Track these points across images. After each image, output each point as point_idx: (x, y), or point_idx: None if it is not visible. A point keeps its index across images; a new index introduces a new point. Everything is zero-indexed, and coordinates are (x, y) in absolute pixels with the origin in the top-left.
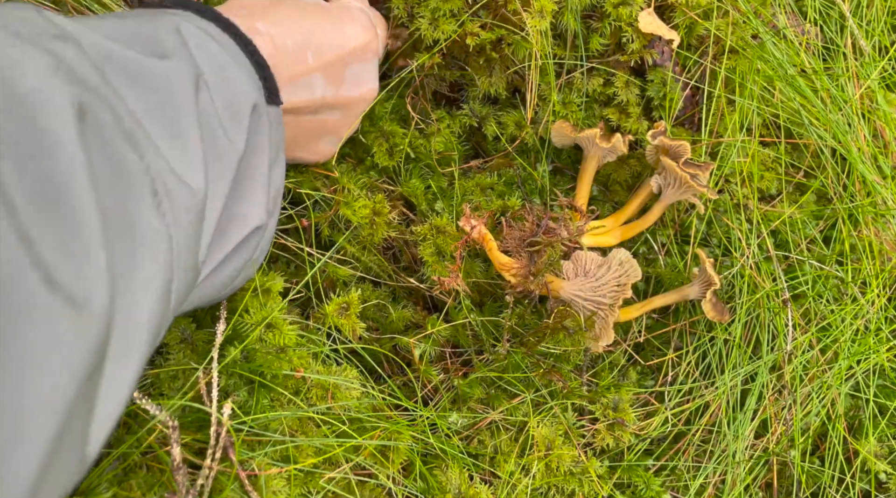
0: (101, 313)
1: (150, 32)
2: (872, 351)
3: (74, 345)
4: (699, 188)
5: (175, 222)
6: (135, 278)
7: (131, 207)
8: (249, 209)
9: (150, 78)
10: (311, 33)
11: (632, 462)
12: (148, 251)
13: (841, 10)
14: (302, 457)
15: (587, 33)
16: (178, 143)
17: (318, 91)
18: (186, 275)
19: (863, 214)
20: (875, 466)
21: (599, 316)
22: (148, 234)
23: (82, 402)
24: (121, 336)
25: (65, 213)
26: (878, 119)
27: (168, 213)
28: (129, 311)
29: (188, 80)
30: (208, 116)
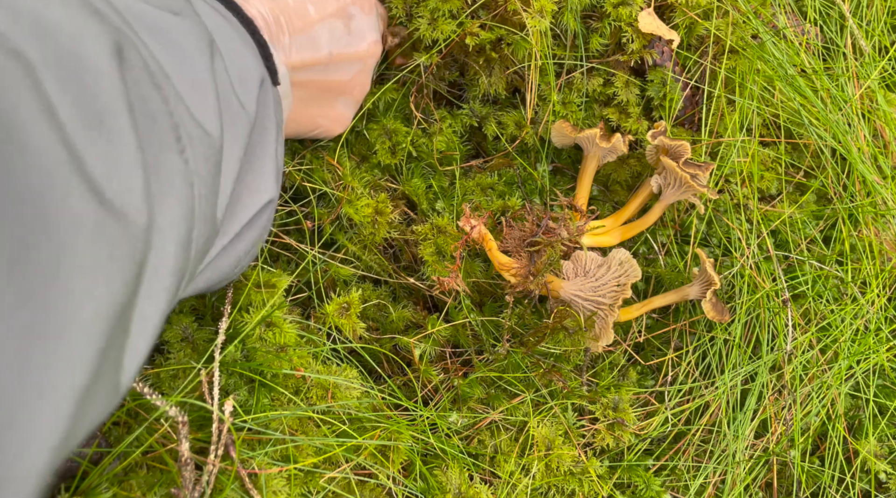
0: (143, 231)
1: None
2: (872, 351)
3: (120, 264)
4: (699, 188)
5: (196, 168)
6: (163, 216)
7: (158, 145)
8: (262, 181)
9: (167, 32)
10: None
11: (632, 462)
12: (174, 192)
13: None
14: (302, 456)
15: (587, 33)
16: (198, 93)
17: (324, 46)
18: (206, 227)
19: (863, 214)
20: (875, 466)
21: (599, 316)
22: (173, 176)
23: (120, 327)
24: (153, 264)
25: (109, 133)
26: (877, 119)
27: (191, 159)
28: (160, 244)
29: (202, 41)
30: (222, 80)
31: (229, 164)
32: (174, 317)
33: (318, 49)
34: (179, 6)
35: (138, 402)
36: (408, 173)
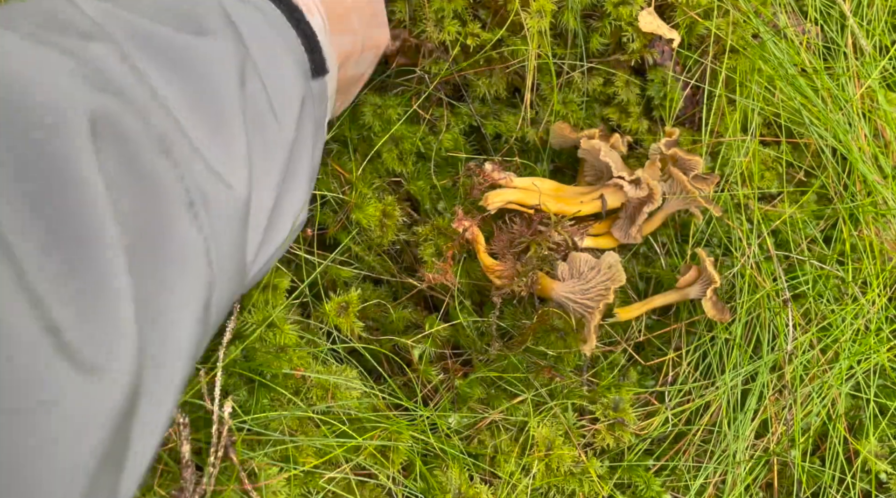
0: (125, 375)
1: (189, 8)
2: (873, 351)
3: (96, 413)
4: (707, 205)
5: (213, 234)
6: (169, 307)
7: (163, 225)
8: (296, 196)
9: (188, 60)
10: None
11: (632, 462)
12: (182, 271)
13: (841, 9)
14: (302, 457)
15: (587, 33)
16: (220, 138)
17: (359, 35)
18: (230, 284)
19: (863, 214)
20: (876, 466)
21: (586, 319)
22: (184, 251)
23: (111, 461)
24: (152, 384)
25: (82, 260)
26: (878, 118)
27: (206, 225)
28: (164, 342)
29: (232, 63)
30: (256, 102)
31: (263, 199)
32: None
33: (354, 37)
34: (210, 22)
35: None
36: (414, 173)
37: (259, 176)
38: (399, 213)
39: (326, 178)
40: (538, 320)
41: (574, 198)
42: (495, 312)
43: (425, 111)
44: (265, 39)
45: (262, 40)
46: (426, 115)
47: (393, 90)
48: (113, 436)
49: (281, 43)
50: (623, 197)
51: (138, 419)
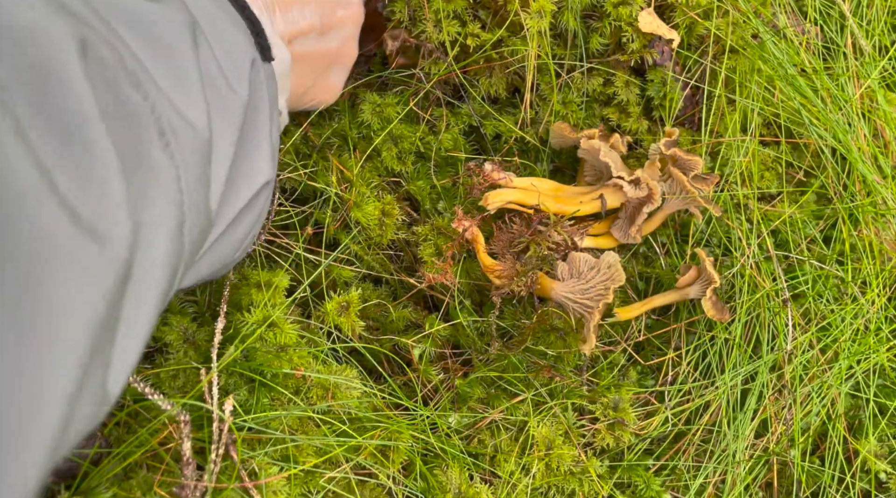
0: (123, 245)
1: None
2: (872, 351)
3: (98, 279)
4: (706, 205)
5: (183, 163)
6: (149, 214)
7: (139, 145)
8: (257, 163)
9: (146, 22)
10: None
11: (632, 462)
12: (159, 187)
13: (841, 9)
14: (302, 456)
15: (587, 33)
16: (180, 85)
17: (316, 14)
18: (198, 218)
19: (863, 214)
20: (875, 466)
21: (586, 318)
22: (158, 172)
23: (105, 338)
24: (139, 273)
25: (80, 146)
26: (878, 119)
27: (176, 153)
28: (147, 247)
29: (185, 27)
30: (208, 65)
31: (221, 151)
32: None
33: (311, 17)
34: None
35: (141, 403)
36: (414, 173)
37: (217, 127)
38: (398, 212)
39: (326, 174)
40: (538, 320)
41: (574, 198)
42: (495, 312)
43: (425, 111)
44: (209, 10)
45: (206, 11)
46: (426, 115)
47: (393, 89)
48: (110, 308)
49: (224, 17)
50: (623, 197)
51: (128, 302)
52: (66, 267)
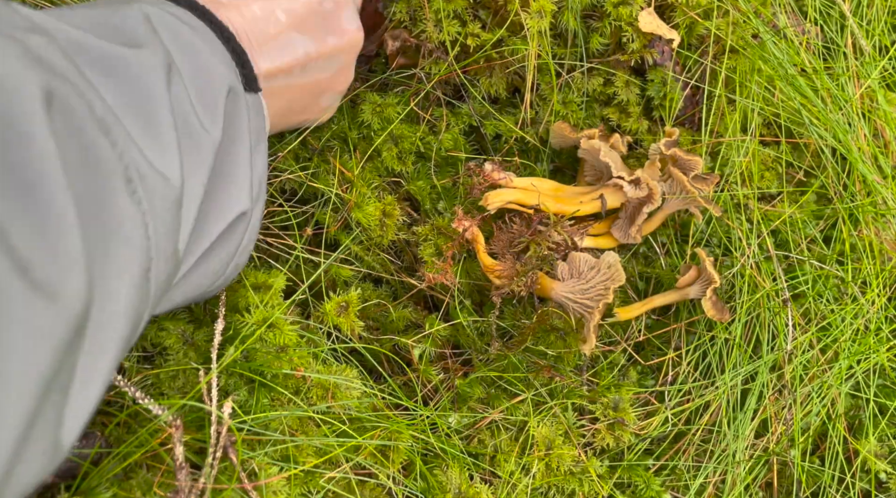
0: (76, 301)
1: (119, 22)
2: (872, 350)
3: (47, 335)
4: (706, 205)
5: (151, 210)
6: (110, 265)
7: (105, 194)
8: (232, 196)
9: (121, 68)
10: (306, 24)
11: (632, 462)
12: (123, 237)
13: (841, 9)
14: (302, 456)
15: (587, 33)
16: (152, 133)
17: (300, 48)
18: (166, 264)
19: (863, 214)
20: (875, 466)
21: (586, 318)
22: (123, 220)
23: (56, 390)
24: (96, 325)
25: (38, 200)
26: (878, 118)
27: (143, 201)
28: (106, 299)
29: (160, 69)
30: (182, 104)
31: (191, 192)
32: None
33: (294, 52)
34: (138, 35)
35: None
36: (414, 173)
37: (188, 171)
38: (399, 213)
39: (327, 177)
40: (538, 320)
41: (574, 198)
42: (495, 312)
43: (425, 111)
44: (188, 47)
45: (184, 47)
46: (426, 116)
47: (394, 89)
48: (60, 362)
49: (206, 51)
50: (623, 197)
51: (84, 353)
52: (14, 322)
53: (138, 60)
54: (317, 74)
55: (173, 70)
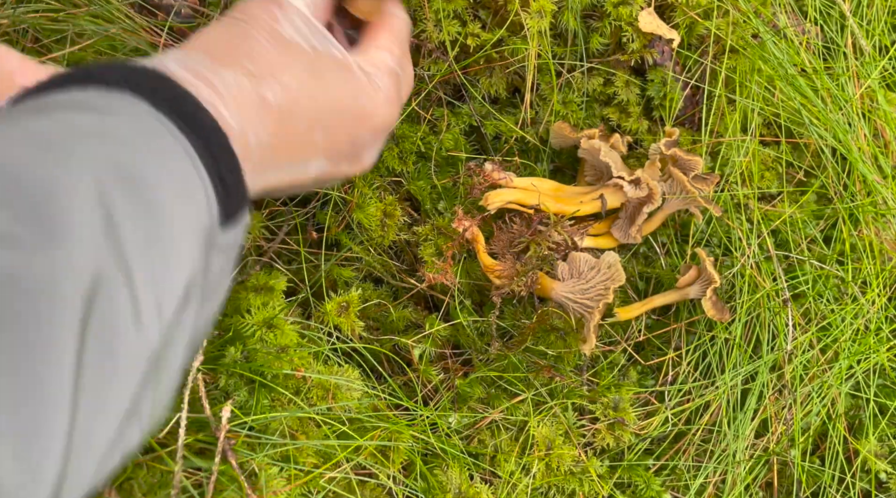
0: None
1: (44, 195)
2: (873, 350)
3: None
4: (707, 205)
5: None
6: None
7: None
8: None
9: (21, 281)
10: (327, 110)
11: (632, 462)
12: None
13: (841, 9)
14: (302, 457)
15: (587, 33)
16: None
17: (312, 171)
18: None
19: (863, 214)
20: (875, 466)
21: (586, 318)
22: None
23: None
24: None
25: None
26: (878, 118)
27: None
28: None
29: (78, 282)
30: (104, 318)
31: (95, 440)
32: None
33: (306, 173)
34: (62, 218)
35: None
36: (415, 172)
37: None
38: (400, 213)
39: None
40: (538, 320)
41: (574, 198)
42: (495, 312)
43: (426, 111)
44: (149, 226)
45: (142, 230)
46: (427, 115)
47: None
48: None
49: (178, 211)
50: (623, 197)
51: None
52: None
53: (44, 272)
54: (314, 185)
55: (105, 276)
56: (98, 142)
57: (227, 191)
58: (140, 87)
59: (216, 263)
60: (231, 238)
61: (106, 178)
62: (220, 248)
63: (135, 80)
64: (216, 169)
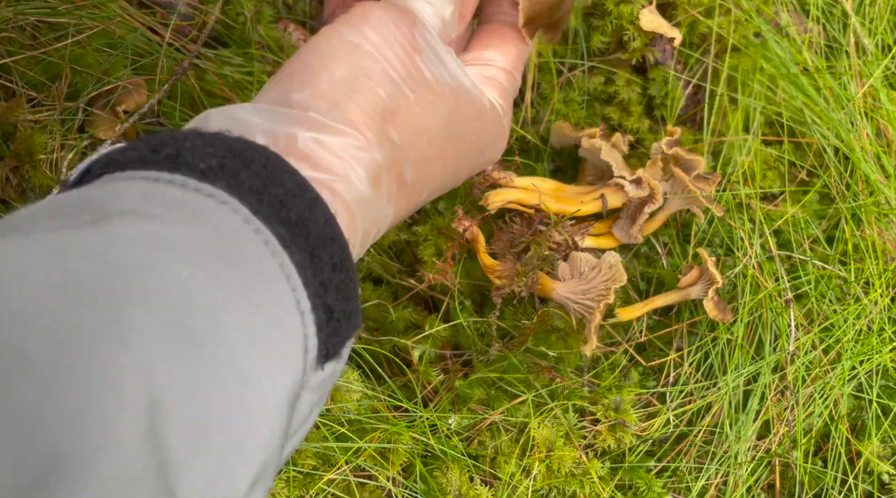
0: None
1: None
2: (875, 351)
3: None
4: (709, 205)
5: None
6: None
7: None
8: None
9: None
10: (455, 166)
11: (633, 463)
12: None
13: (844, 7)
14: (301, 459)
15: (588, 31)
16: None
17: (424, 197)
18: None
19: (866, 214)
20: (878, 468)
21: (587, 319)
22: None
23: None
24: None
25: None
26: (881, 118)
27: None
28: None
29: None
30: None
31: None
32: None
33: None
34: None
35: None
36: None
37: None
38: None
39: None
40: (538, 321)
41: (575, 197)
42: (495, 313)
43: None
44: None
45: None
46: None
47: None
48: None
49: (254, 380)
50: (624, 197)
51: None
52: None
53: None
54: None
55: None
56: (159, 283)
57: (333, 327)
58: (235, 177)
59: (305, 404)
60: (329, 372)
61: (159, 345)
62: (313, 388)
63: (232, 170)
64: (322, 298)
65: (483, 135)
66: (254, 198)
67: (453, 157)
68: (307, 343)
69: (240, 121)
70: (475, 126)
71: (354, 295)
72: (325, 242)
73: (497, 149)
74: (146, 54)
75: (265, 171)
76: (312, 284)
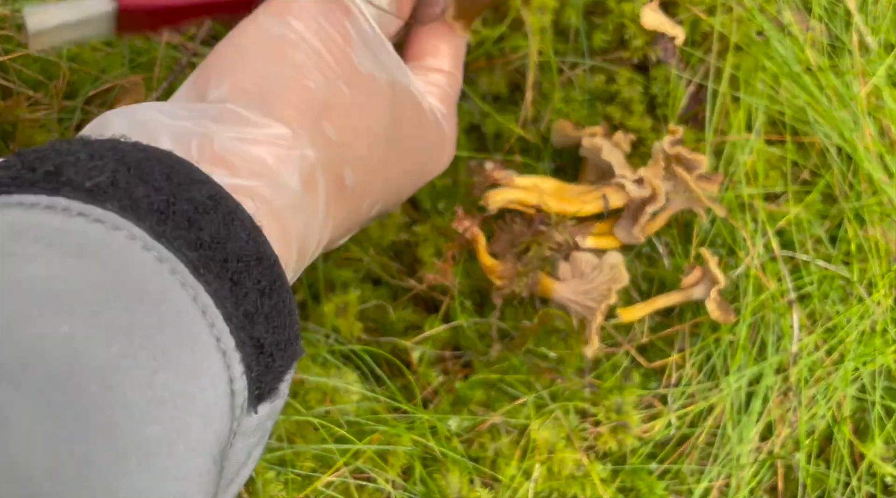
0: None
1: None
2: (879, 352)
3: None
4: (711, 205)
5: None
6: None
7: None
8: None
9: None
10: (396, 183)
11: (635, 466)
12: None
13: (847, 6)
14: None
15: (589, 29)
16: None
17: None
18: None
19: (869, 214)
20: (881, 470)
21: (588, 320)
22: None
23: None
24: None
25: None
26: (884, 117)
27: None
28: None
29: None
30: None
31: None
32: None
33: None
34: None
35: None
36: None
37: None
38: (399, 212)
39: None
40: (539, 321)
41: (576, 197)
42: (496, 313)
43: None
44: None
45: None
46: None
47: None
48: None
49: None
50: (626, 196)
51: None
52: None
53: None
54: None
55: None
56: (31, 346)
57: (265, 363)
58: (130, 195)
59: (240, 450)
60: (266, 413)
61: (34, 428)
62: (248, 432)
63: (125, 186)
64: (248, 330)
65: (424, 141)
66: (155, 218)
67: (395, 163)
68: (233, 386)
69: (143, 123)
70: (417, 132)
71: (291, 321)
72: (248, 264)
73: (439, 160)
74: (144, 52)
75: (169, 183)
76: (235, 317)
